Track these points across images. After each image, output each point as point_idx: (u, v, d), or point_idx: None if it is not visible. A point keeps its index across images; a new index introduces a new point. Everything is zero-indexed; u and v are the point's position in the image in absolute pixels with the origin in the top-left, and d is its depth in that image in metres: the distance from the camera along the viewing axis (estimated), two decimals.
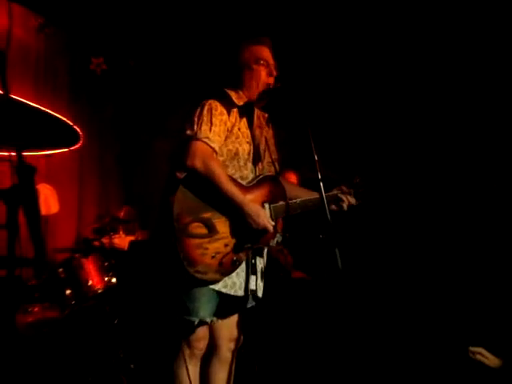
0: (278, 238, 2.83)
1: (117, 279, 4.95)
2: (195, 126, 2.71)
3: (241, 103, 2.95)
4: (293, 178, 5.01)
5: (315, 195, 2.93)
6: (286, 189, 2.99)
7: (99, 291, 4.75)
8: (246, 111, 2.97)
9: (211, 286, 2.70)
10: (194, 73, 6.52)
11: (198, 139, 2.67)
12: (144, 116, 7.09)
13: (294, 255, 4.92)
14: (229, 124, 2.83)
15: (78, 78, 6.48)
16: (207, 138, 2.68)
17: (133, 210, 6.13)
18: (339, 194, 3.06)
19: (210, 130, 2.71)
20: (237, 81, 3.02)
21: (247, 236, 2.73)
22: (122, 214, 5.98)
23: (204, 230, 2.61)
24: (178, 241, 2.53)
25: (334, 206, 3.04)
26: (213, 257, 2.61)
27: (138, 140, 7.15)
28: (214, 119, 2.73)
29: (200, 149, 2.65)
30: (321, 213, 2.54)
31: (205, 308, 2.72)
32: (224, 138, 2.81)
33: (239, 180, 2.83)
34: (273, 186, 2.92)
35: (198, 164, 2.60)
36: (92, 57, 6.47)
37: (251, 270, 2.85)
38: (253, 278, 2.85)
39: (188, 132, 2.71)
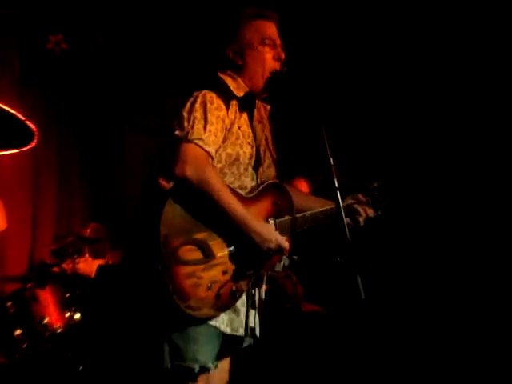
0: (285, 261, 2.82)
1: (81, 315, 4.95)
2: (185, 124, 2.69)
3: (241, 94, 2.94)
4: (304, 186, 5.03)
5: (329, 205, 2.97)
6: (294, 199, 3.00)
7: (59, 331, 4.75)
8: (246, 104, 2.97)
9: (211, 322, 2.69)
10: (179, 54, 6.54)
11: (190, 141, 2.65)
12: (116, 109, 7.11)
13: (304, 283, 4.92)
14: (227, 121, 2.83)
15: (32, 61, 6.49)
16: (200, 139, 2.67)
17: (101, 226, 6.13)
18: (355, 205, 3.07)
19: (205, 129, 2.69)
20: (234, 65, 3.02)
21: (249, 260, 2.73)
22: (88, 231, 5.98)
23: (198, 255, 2.60)
24: (166, 269, 2.52)
25: (348, 220, 2.99)
26: (208, 288, 2.60)
27: (107, 140, 7.16)
28: (209, 115, 2.72)
29: (192, 153, 2.64)
30: (338, 229, 2.54)
31: (205, 351, 2.69)
32: (222, 139, 2.80)
33: (238, 190, 2.82)
34: (277, 197, 2.92)
35: (190, 172, 2.59)
36: (49, 33, 6.48)
37: (251, 302, 2.84)
38: (252, 312, 2.86)
39: (177, 132, 2.69)
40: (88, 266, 5.74)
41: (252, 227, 2.68)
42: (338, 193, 2.56)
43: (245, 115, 2.95)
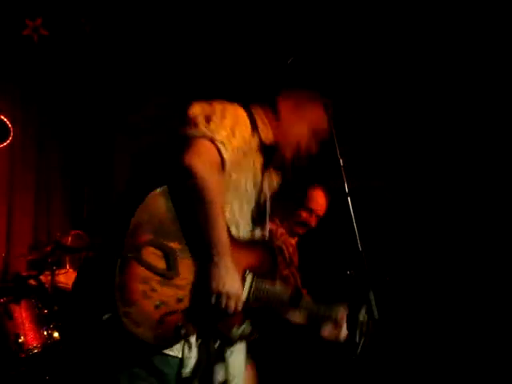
0: (245, 329, 2.78)
1: (60, 333, 4.94)
2: (208, 124, 2.66)
3: (266, 143, 2.95)
4: (320, 195, 5.02)
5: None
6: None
7: (35, 351, 4.74)
8: (265, 152, 2.96)
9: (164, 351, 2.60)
10: (175, 45, 6.52)
11: (209, 139, 2.61)
12: (102, 104, 7.07)
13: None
14: (247, 147, 2.81)
15: (7, 49, 6.46)
16: (222, 142, 2.63)
17: (84, 235, 6.11)
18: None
19: (229, 138, 2.67)
20: (275, 110, 3.02)
21: (207, 306, 2.63)
22: (68, 240, 5.96)
23: (161, 263, 2.55)
24: (121, 260, 2.48)
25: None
26: (156, 306, 2.52)
27: (92, 139, 7.13)
28: (237, 129, 2.72)
29: (209, 152, 2.60)
30: (348, 238, 2.52)
31: None
32: (236, 160, 2.75)
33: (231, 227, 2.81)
34: (267, 258, 2.90)
35: (200, 166, 2.54)
36: (26, 18, 6.47)
37: (214, 356, 2.75)
38: (221, 366, 2.78)
39: (191, 130, 2.66)
40: (69, 278, 5.72)
41: (221, 258, 2.59)
42: (349, 198, 2.54)
43: (261, 158, 2.94)
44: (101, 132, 7.12)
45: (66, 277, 5.76)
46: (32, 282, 5.55)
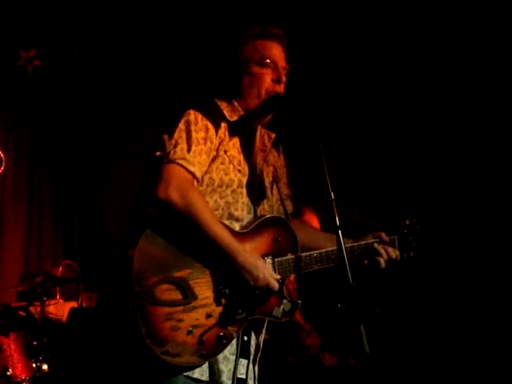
0: (286, 305, 2.78)
1: (50, 365, 4.88)
2: (167, 145, 2.70)
3: (234, 118, 2.95)
4: (311, 217, 4.98)
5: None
6: (300, 235, 2.95)
7: None
8: (240, 128, 2.97)
9: (191, 374, 2.63)
10: (167, 72, 6.54)
11: (172, 162, 2.65)
12: (95, 134, 7.08)
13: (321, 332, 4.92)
14: (216, 142, 2.83)
15: (0, 79, 6.47)
16: (184, 159, 2.66)
17: (75, 265, 6.09)
18: (375, 245, 3.02)
19: (189, 149, 2.69)
20: (231, 88, 3.01)
21: (239, 303, 2.69)
22: (59, 270, 5.97)
23: (176, 295, 2.57)
24: (139, 310, 2.48)
25: (366, 261, 3.03)
26: (189, 332, 2.56)
27: (84, 169, 7.13)
28: (193, 135, 2.72)
29: (176, 175, 2.63)
30: (340, 270, 2.51)
31: None
32: (209, 161, 2.80)
33: (227, 222, 2.78)
34: (279, 233, 2.88)
35: (174, 196, 2.57)
36: (20, 49, 6.50)
37: (241, 351, 2.80)
38: (243, 362, 2.81)
39: (158, 153, 2.70)
40: (59, 308, 5.70)
41: (239, 259, 2.63)
42: (340, 232, 2.53)
43: (236, 140, 2.94)
44: (93, 162, 7.10)
45: (56, 308, 5.73)
46: (21, 313, 5.51)
